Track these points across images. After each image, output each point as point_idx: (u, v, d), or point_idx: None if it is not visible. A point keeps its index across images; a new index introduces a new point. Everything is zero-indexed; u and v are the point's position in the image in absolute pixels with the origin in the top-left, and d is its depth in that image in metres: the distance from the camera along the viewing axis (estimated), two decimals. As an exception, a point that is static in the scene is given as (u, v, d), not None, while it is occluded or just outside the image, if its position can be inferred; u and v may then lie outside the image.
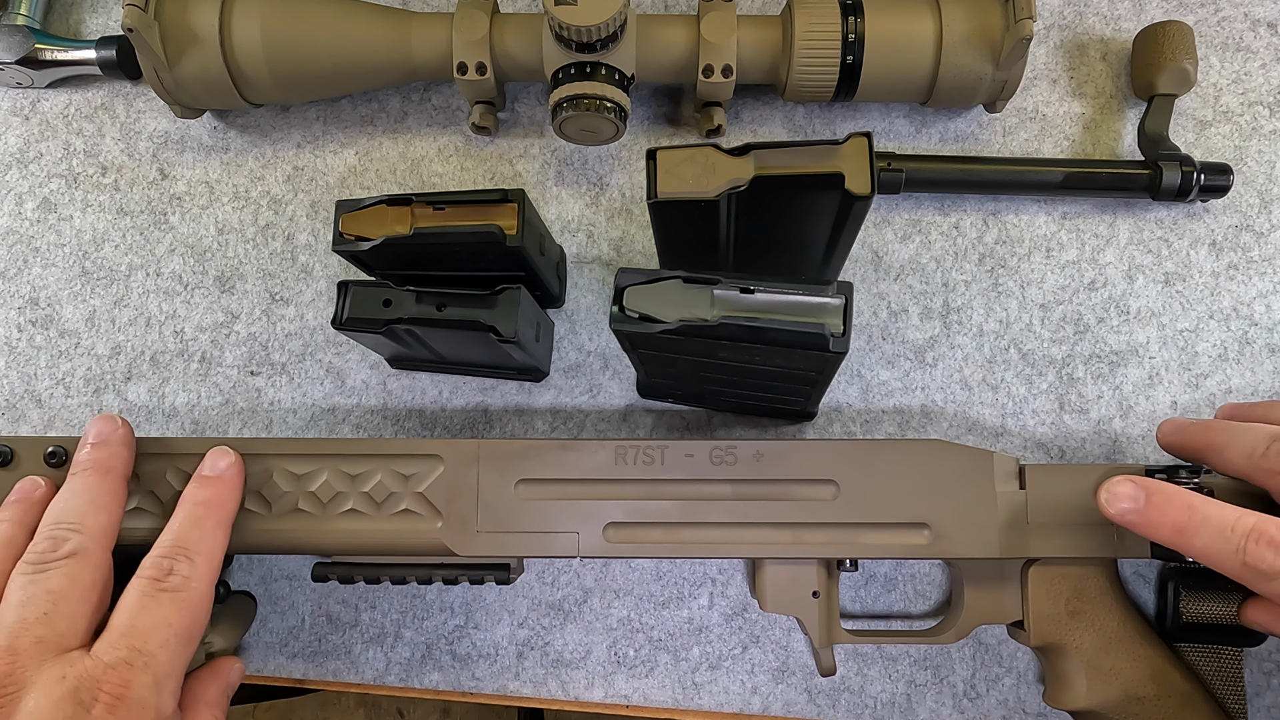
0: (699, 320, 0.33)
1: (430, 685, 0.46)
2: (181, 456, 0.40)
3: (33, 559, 0.34)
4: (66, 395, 0.49)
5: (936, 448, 0.39)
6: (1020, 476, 0.39)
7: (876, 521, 0.39)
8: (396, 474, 0.39)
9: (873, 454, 0.39)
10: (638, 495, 0.39)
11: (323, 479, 0.39)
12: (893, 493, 0.39)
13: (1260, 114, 0.50)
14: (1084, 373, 0.47)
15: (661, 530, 0.39)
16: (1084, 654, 0.40)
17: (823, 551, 0.39)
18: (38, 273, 0.51)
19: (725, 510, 0.39)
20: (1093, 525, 0.39)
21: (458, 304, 0.40)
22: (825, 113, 0.51)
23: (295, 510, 0.39)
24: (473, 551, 0.39)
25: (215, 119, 0.53)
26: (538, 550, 0.39)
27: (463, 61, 0.47)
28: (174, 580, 0.35)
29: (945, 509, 0.39)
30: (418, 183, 0.51)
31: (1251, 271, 0.48)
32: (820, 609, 0.41)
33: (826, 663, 0.42)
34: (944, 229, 0.49)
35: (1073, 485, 0.39)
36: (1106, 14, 0.52)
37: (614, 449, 0.40)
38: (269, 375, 0.49)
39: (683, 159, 0.35)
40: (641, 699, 0.45)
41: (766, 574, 0.41)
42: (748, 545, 0.39)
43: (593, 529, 0.39)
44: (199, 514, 0.37)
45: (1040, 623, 0.41)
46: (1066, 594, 0.40)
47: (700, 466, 0.39)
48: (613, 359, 0.48)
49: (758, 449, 0.39)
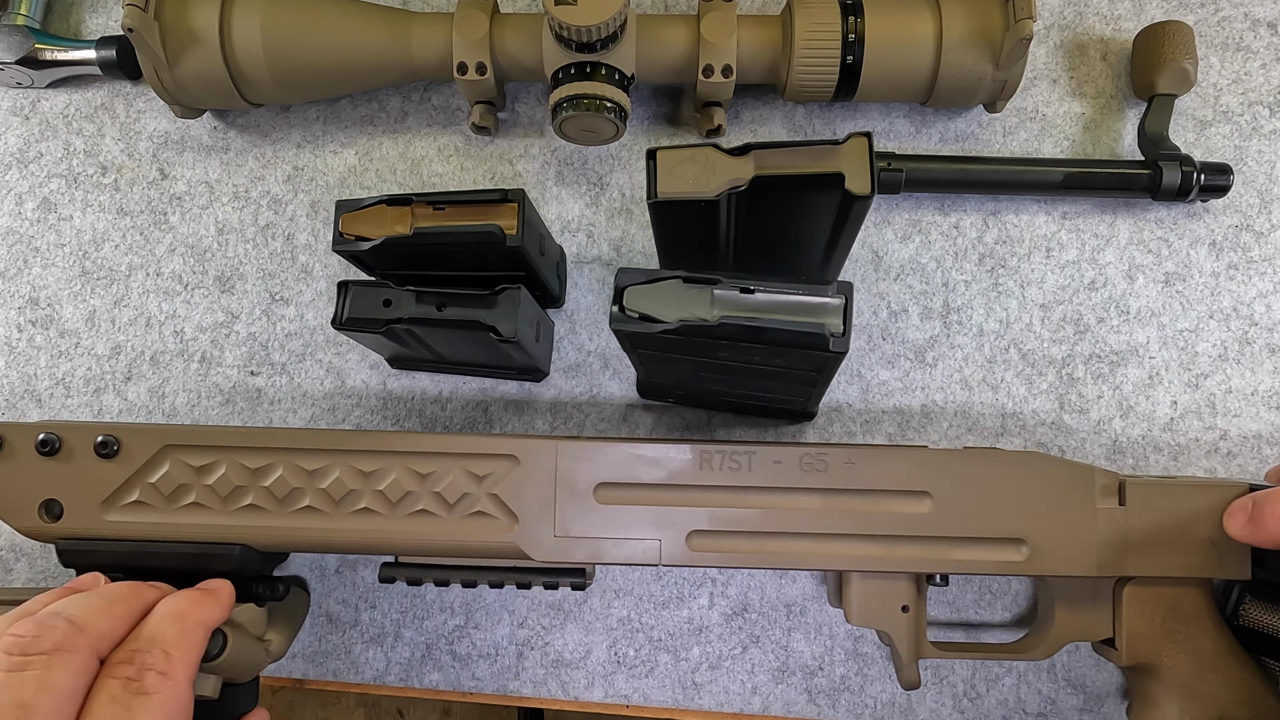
0: (699, 320, 0.33)
1: (430, 685, 0.46)
2: (237, 450, 0.38)
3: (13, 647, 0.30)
4: (66, 395, 0.49)
5: (1036, 460, 0.38)
6: (1120, 492, 0.38)
7: (972, 536, 0.37)
8: (470, 474, 0.38)
9: (969, 465, 0.38)
10: (723, 502, 0.38)
11: (392, 477, 0.38)
12: (990, 506, 0.37)
13: (1260, 114, 0.50)
14: (1084, 373, 0.47)
15: (747, 540, 0.37)
16: (1178, 675, 0.39)
17: (916, 566, 0.38)
18: (38, 273, 0.51)
19: (815, 520, 0.37)
20: (1192, 543, 0.38)
21: (458, 304, 0.40)
22: (825, 113, 0.51)
23: (363, 510, 0.38)
24: (549, 556, 0.37)
25: (215, 119, 0.53)
26: (617, 557, 0.37)
27: (463, 61, 0.47)
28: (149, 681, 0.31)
29: (1043, 524, 0.37)
30: (418, 183, 0.51)
31: (1251, 271, 0.48)
32: (909, 624, 0.39)
33: (911, 677, 0.40)
34: (944, 229, 0.49)
35: (1174, 503, 0.38)
36: (1106, 14, 0.52)
37: (699, 452, 0.38)
38: (269, 375, 0.49)
39: (683, 159, 0.35)
40: (641, 699, 0.45)
41: (855, 587, 0.39)
42: (837, 557, 0.37)
43: (675, 536, 0.37)
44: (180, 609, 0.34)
45: (1134, 642, 0.39)
46: (1162, 613, 0.39)
47: (789, 473, 0.38)
48: (613, 359, 0.48)
49: (850, 456, 0.38)
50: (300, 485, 0.38)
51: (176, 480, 0.38)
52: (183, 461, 0.38)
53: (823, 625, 0.46)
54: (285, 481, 0.38)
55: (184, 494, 0.38)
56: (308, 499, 0.38)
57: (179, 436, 0.38)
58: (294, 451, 0.38)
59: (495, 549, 0.38)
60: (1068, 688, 0.45)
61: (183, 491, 0.38)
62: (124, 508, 0.38)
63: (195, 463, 0.38)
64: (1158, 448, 0.46)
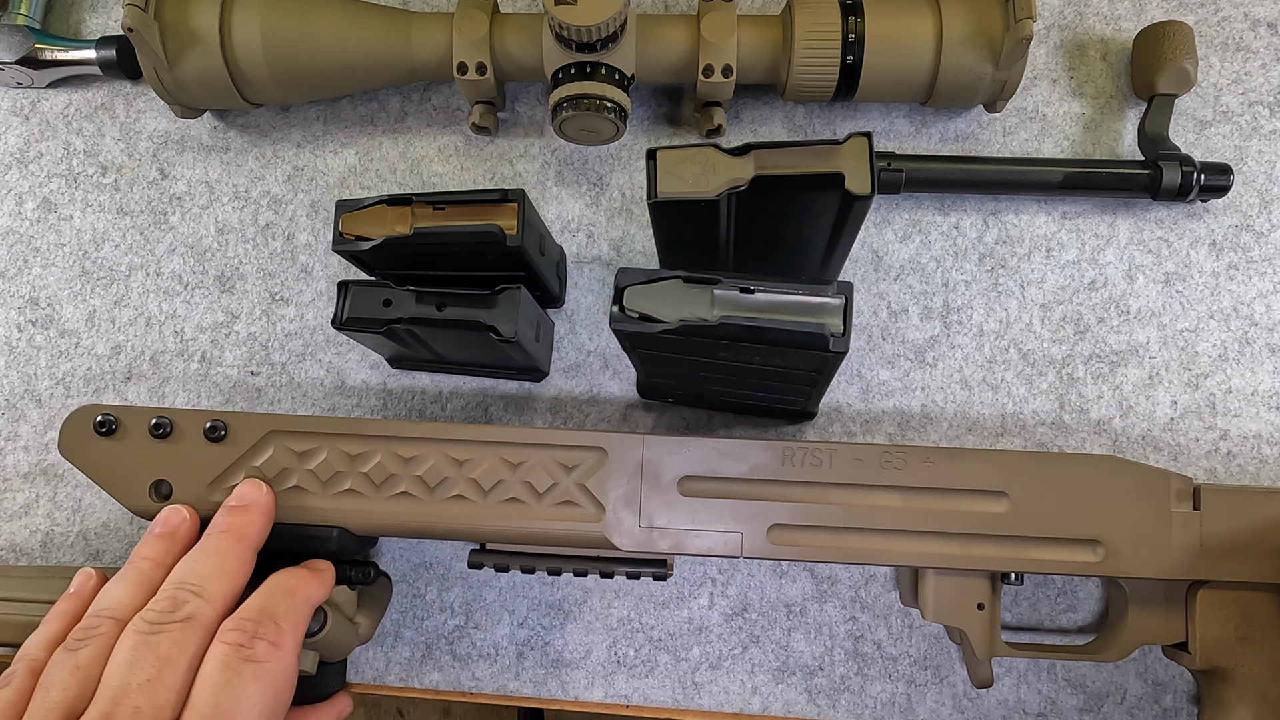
0: (699, 320, 0.33)
1: (430, 685, 0.46)
2: (309, 436, 0.39)
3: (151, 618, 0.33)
4: (66, 395, 0.49)
5: (1112, 464, 0.38)
6: (1195, 497, 0.39)
7: (1048, 536, 0.38)
8: (560, 464, 0.39)
9: (1046, 467, 0.38)
10: (804, 498, 0.38)
11: (485, 465, 0.39)
12: (1065, 507, 0.38)
13: (1260, 114, 0.50)
14: (1084, 373, 0.47)
15: (826, 535, 0.38)
16: (1252, 681, 0.39)
17: (992, 564, 0.38)
18: (38, 273, 0.51)
19: (893, 517, 0.38)
20: (1269, 550, 0.38)
21: (458, 304, 0.40)
22: (825, 113, 0.51)
23: (455, 496, 0.39)
24: (634, 546, 0.38)
25: (215, 119, 0.53)
26: (701, 548, 0.38)
27: (463, 61, 0.47)
28: (260, 650, 0.33)
29: (1119, 526, 0.38)
30: (418, 183, 0.51)
31: (1251, 271, 0.48)
32: (984, 621, 0.40)
33: (985, 675, 0.41)
34: (944, 229, 0.49)
35: (1250, 509, 0.38)
36: (1106, 14, 0.52)
37: (781, 450, 0.39)
38: (269, 375, 0.49)
39: (683, 159, 0.35)
40: (641, 699, 0.45)
41: (930, 584, 0.40)
42: (914, 554, 0.38)
43: (757, 529, 0.38)
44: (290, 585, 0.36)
45: (1208, 647, 0.39)
46: (1236, 619, 0.39)
47: (869, 471, 0.38)
48: (613, 359, 0.48)
49: (928, 455, 0.38)
50: (397, 471, 0.39)
51: (280, 464, 0.39)
52: (286, 446, 0.39)
53: (823, 625, 0.46)
54: (383, 468, 0.39)
55: (286, 477, 0.39)
56: (403, 485, 0.39)
57: (283, 423, 0.40)
58: (392, 439, 0.39)
59: (581, 538, 0.39)
60: (1068, 688, 0.45)
61: (285, 475, 0.39)
62: (229, 490, 0.39)
63: (298, 448, 0.39)
64: (1158, 448, 0.46)
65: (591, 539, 0.39)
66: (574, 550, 0.39)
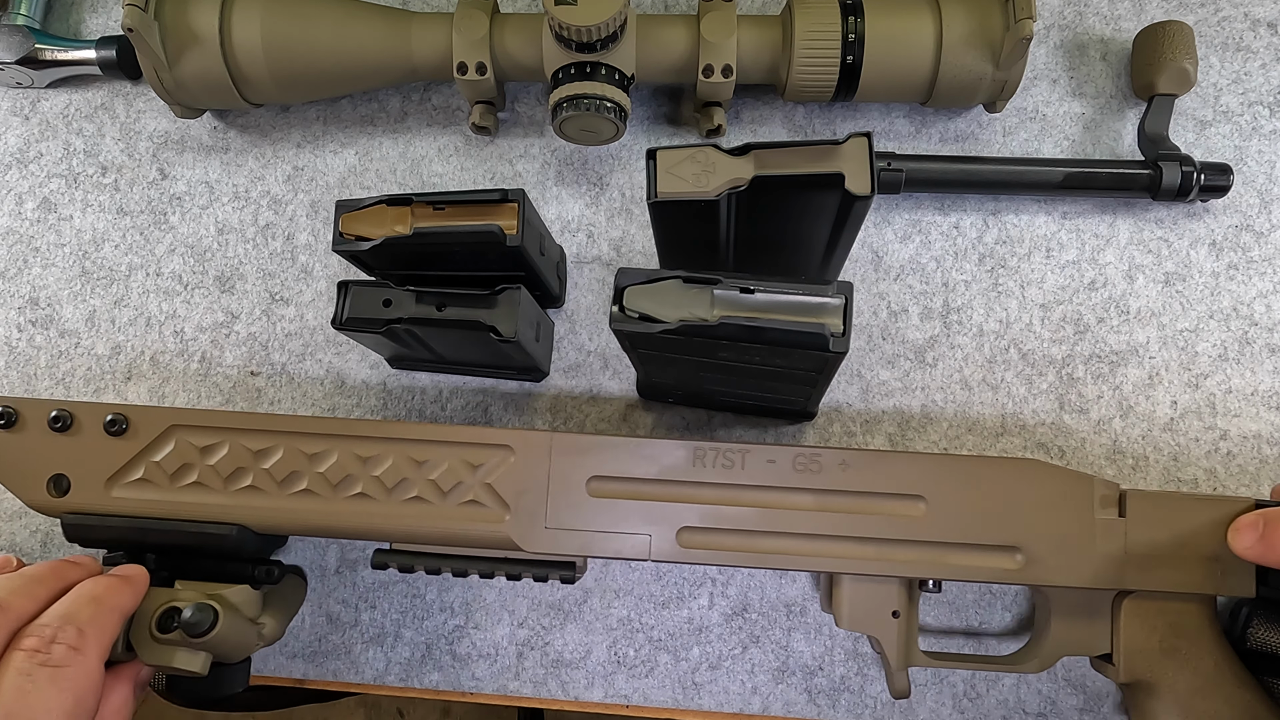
0: (699, 320, 0.33)
1: (430, 685, 0.46)
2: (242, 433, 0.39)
3: None
4: (66, 395, 0.49)
5: (1034, 468, 0.37)
6: (1121, 503, 0.38)
7: (966, 542, 0.37)
8: (465, 463, 0.38)
9: (965, 470, 0.37)
10: (715, 500, 0.37)
11: (388, 463, 0.38)
12: (985, 513, 0.37)
13: (1260, 114, 0.50)
14: (1084, 373, 0.47)
15: (738, 538, 0.37)
16: (1177, 694, 0.38)
17: (908, 570, 0.37)
18: (38, 273, 0.51)
19: (807, 521, 0.37)
20: (1195, 558, 0.37)
21: (458, 304, 0.40)
22: (825, 113, 0.51)
23: (358, 495, 0.38)
24: (540, 548, 0.38)
25: (215, 119, 0.53)
26: (608, 551, 0.37)
27: (463, 61, 0.47)
28: (58, 655, 0.32)
29: (1040, 533, 0.37)
30: (418, 183, 0.51)
31: (1251, 271, 0.48)
32: (900, 629, 0.39)
33: (901, 685, 0.39)
34: (944, 229, 0.49)
35: (1177, 516, 0.37)
36: (1106, 14, 0.52)
37: (692, 450, 0.38)
38: (269, 375, 0.49)
39: (683, 159, 0.35)
40: (641, 699, 0.45)
41: (845, 590, 0.39)
42: (829, 559, 0.37)
43: (666, 532, 0.37)
44: (96, 593, 0.35)
45: (1132, 658, 0.38)
46: (1162, 629, 0.38)
47: (782, 473, 0.37)
48: (613, 359, 0.48)
49: (844, 458, 0.38)
50: (299, 468, 0.38)
51: (180, 459, 0.38)
52: (187, 441, 0.38)
53: (823, 625, 0.45)
54: (285, 464, 0.38)
55: (187, 473, 0.38)
56: (306, 482, 0.38)
57: (185, 417, 0.39)
58: (295, 435, 0.38)
59: (486, 538, 0.38)
60: (1068, 688, 0.45)
61: (186, 471, 0.38)
62: (129, 485, 0.38)
63: (199, 443, 0.38)
64: (1158, 448, 0.46)
65: (497, 540, 0.38)
66: (480, 551, 0.39)
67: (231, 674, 0.40)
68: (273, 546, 0.42)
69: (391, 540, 0.39)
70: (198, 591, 0.37)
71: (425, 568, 0.39)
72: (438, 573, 0.39)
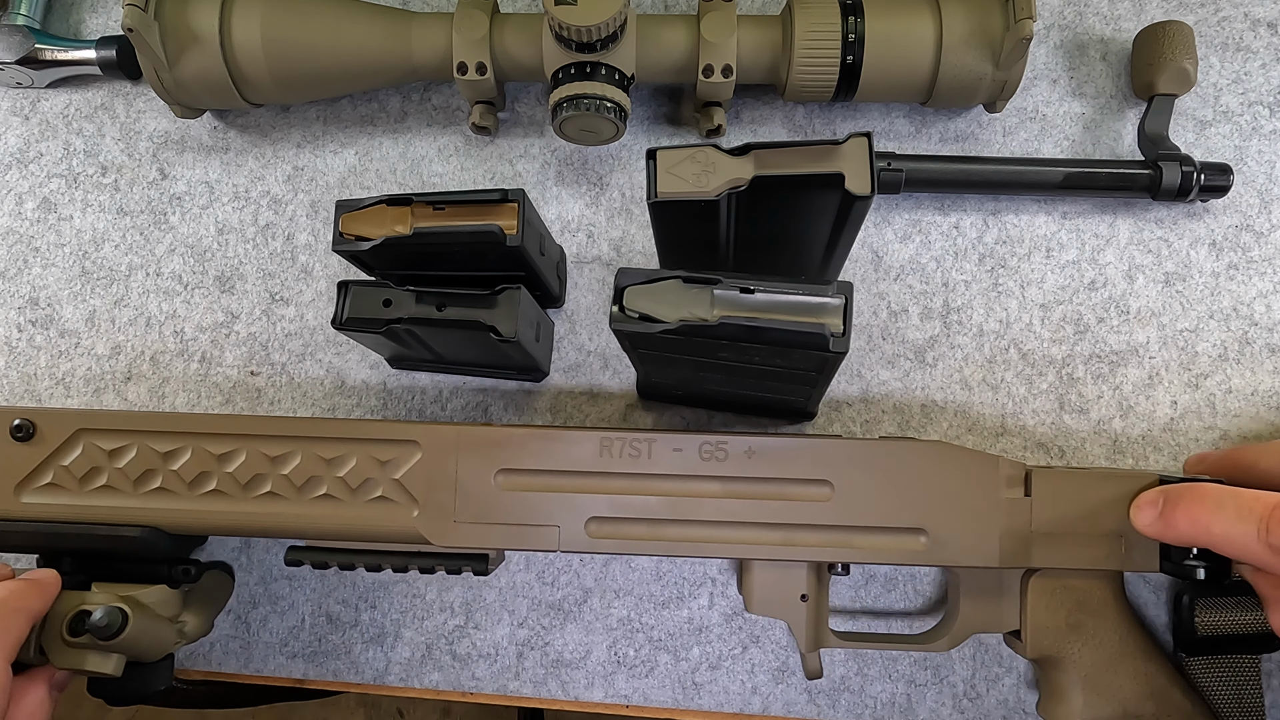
0: (699, 320, 0.33)
1: (430, 685, 0.46)
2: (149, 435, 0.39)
3: None
4: (66, 395, 0.49)
5: (937, 450, 0.38)
6: (1027, 482, 0.38)
7: (872, 525, 0.38)
8: (373, 459, 0.38)
9: (870, 455, 0.38)
10: (623, 489, 0.38)
11: (296, 462, 0.38)
12: (890, 496, 0.38)
13: (1260, 114, 0.50)
14: (1084, 373, 0.47)
15: (646, 527, 0.38)
16: (1082, 669, 0.39)
17: (814, 555, 0.38)
18: (38, 273, 0.51)
19: (714, 508, 0.38)
20: (1099, 536, 0.37)
21: (458, 304, 0.40)
22: (825, 113, 0.51)
23: (268, 494, 0.38)
24: (450, 542, 0.38)
25: (215, 119, 0.53)
26: (517, 543, 0.38)
27: (463, 61, 0.47)
28: None
29: (944, 515, 0.37)
30: (418, 183, 0.51)
31: (1251, 271, 0.48)
32: (808, 613, 0.40)
33: (812, 666, 0.41)
34: (944, 229, 0.49)
35: (1081, 493, 0.38)
36: (1106, 14, 0.52)
37: (599, 440, 0.38)
38: (269, 375, 0.49)
39: (683, 159, 0.35)
40: (641, 699, 0.45)
41: (754, 575, 0.40)
42: (736, 545, 0.38)
43: (574, 523, 0.38)
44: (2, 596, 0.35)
45: (1038, 634, 0.39)
46: (1068, 606, 0.39)
47: (689, 462, 0.38)
48: (613, 359, 0.48)
49: (749, 445, 0.38)
50: (208, 469, 0.38)
51: (89, 463, 0.39)
52: (95, 445, 0.39)
53: (823, 625, 0.46)
54: (194, 465, 0.38)
55: (96, 477, 0.39)
56: (215, 482, 0.38)
57: (92, 420, 0.39)
58: (202, 436, 0.39)
59: (397, 534, 0.38)
60: (1068, 688, 0.45)
61: (95, 474, 0.39)
62: (38, 490, 0.38)
63: (107, 446, 0.39)
64: (1158, 448, 0.46)
65: (407, 535, 0.38)
66: (393, 546, 0.39)
67: (152, 672, 0.40)
68: (190, 546, 0.43)
69: (305, 538, 0.39)
70: (110, 594, 0.38)
71: (339, 564, 0.39)
72: (352, 568, 0.39)
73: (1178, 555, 0.37)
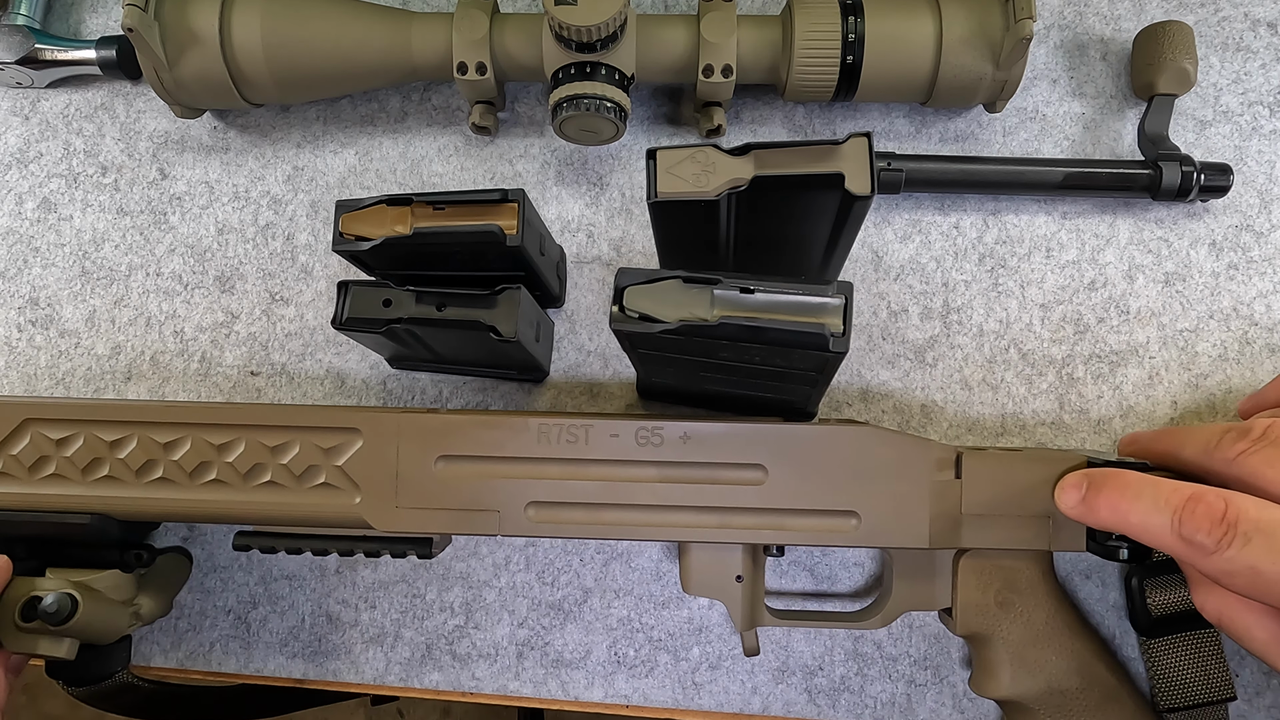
0: (699, 320, 0.33)
1: (430, 685, 0.46)
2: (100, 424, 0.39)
3: None
4: (66, 395, 0.49)
5: (868, 434, 0.39)
6: (958, 465, 0.39)
7: (804, 508, 0.38)
8: (316, 447, 0.39)
9: (803, 439, 0.39)
10: (560, 475, 0.39)
11: (240, 449, 0.39)
12: (823, 479, 0.38)
13: (1260, 114, 0.50)
14: (1084, 373, 0.47)
15: (584, 511, 0.39)
16: (1010, 645, 0.40)
17: (748, 537, 0.39)
18: (38, 273, 0.51)
19: (650, 492, 0.39)
20: (1028, 517, 0.38)
21: (458, 304, 0.40)
22: (825, 113, 0.51)
23: (214, 481, 0.39)
24: (392, 527, 0.39)
25: (215, 119, 0.53)
26: (458, 528, 0.39)
27: (463, 61, 0.47)
28: None
29: (875, 497, 0.38)
30: (418, 183, 0.51)
31: (1251, 271, 0.48)
32: (744, 593, 0.40)
33: (750, 644, 0.42)
34: (944, 229, 0.49)
35: (1010, 474, 0.38)
36: (1106, 14, 0.52)
37: (537, 426, 0.39)
38: (269, 375, 0.49)
39: (683, 159, 0.35)
40: (641, 699, 0.45)
41: (691, 557, 0.41)
42: (672, 529, 0.39)
43: (514, 508, 0.39)
44: None
45: (967, 612, 0.40)
46: (997, 585, 0.40)
47: (625, 447, 0.39)
48: (613, 359, 0.48)
49: (685, 430, 0.39)
50: (154, 456, 0.39)
51: (37, 452, 0.39)
52: (42, 434, 0.39)
53: (823, 625, 0.46)
54: (140, 453, 0.39)
55: (44, 465, 0.39)
56: (161, 470, 0.39)
57: (39, 410, 0.40)
58: (148, 424, 0.39)
59: (341, 520, 0.39)
60: (1068, 688, 0.45)
61: (43, 463, 0.39)
62: None
63: (54, 435, 0.39)
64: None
65: (351, 521, 0.39)
66: (338, 531, 0.40)
67: (107, 654, 0.41)
68: (144, 530, 0.43)
69: (251, 524, 0.40)
70: (63, 579, 0.39)
71: (286, 548, 0.40)
72: (299, 553, 0.40)
73: (1102, 536, 0.38)
